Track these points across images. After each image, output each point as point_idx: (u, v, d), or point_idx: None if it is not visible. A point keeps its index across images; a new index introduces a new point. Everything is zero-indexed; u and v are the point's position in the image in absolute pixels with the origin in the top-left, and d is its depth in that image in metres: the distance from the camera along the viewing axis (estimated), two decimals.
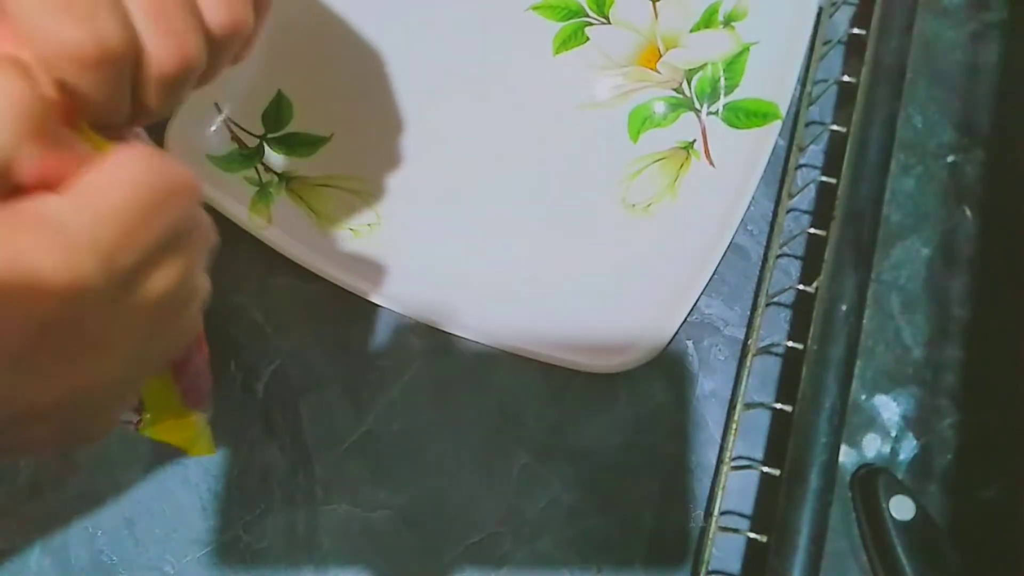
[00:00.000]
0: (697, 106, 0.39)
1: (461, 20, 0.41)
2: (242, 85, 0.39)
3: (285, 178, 0.39)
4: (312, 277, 0.36)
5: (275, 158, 0.39)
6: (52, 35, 0.16)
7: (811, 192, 0.39)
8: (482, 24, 0.41)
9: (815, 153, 0.39)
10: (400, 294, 0.36)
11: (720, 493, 0.34)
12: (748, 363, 0.35)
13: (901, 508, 0.32)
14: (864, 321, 0.33)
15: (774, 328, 0.37)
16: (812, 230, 0.36)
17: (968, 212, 0.38)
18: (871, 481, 0.33)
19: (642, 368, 0.34)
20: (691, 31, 0.41)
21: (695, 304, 0.35)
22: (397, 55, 0.40)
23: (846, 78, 0.38)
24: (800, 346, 0.34)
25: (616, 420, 0.36)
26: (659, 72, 0.40)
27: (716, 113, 0.39)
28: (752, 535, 0.32)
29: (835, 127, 0.38)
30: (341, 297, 0.36)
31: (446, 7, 0.41)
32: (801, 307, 0.37)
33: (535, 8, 0.41)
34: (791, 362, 0.36)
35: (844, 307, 0.33)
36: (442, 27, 0.41)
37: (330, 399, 0.36)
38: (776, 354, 0.36)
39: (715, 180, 0.38)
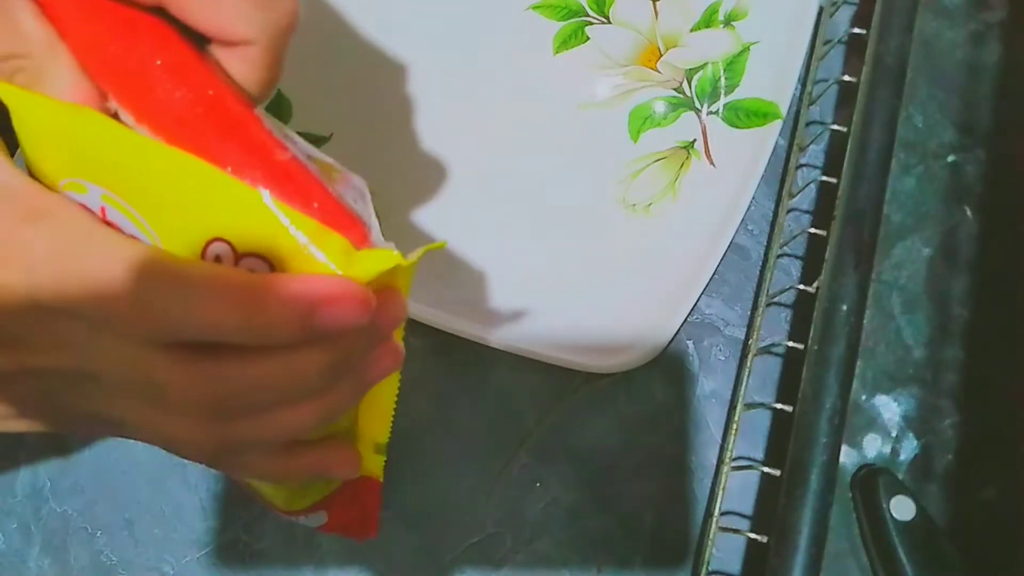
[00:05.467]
0: (697, 106, 0.39)
1: (461, 19, 0.41)
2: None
3: None
4: None
5: None
6: None
7: (812, 192, 0.39)
8: (482, 23, 0.41)
9: (816, 153, 0.39)
10: None
11: (720, 493, 0.34)
12: (748, 363, 0.35)
13: (902, 508, 0.32)
14: (865, 321, 0.33)
15: (775, 328, 0.37)
16: (813, 230, 0.36)
17: (969, 212, 0.38)
18: (872, 481, 0.33)
19: (642, 368, 0.34)
20: (691, 31, 0.41)
21: (695, 304, 0.35)
22: (396, 54, 0.40)
23: (847, 78, 0.38)
24: (801, 346, 0.34)
25: (616, 420, 0.35)
26: (659, 72, 0.40)
27: (716, 113, 0.39)
28: (752, 535, 0.32)
29: (836, 127, 0.38)
30: None
31: (446, 6, 0.41)
32: (802, 307, 0.37)
33: (535, 7, 0.41)
34: (792, 362, 0.36)
35: (845, 307, 0.33)
36: (442, 26, 0.41)
37: None
38: (776, 354, 0.36)
39: (715, 180, 0.38)
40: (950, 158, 0.39)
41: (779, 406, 0.34)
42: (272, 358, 0.17)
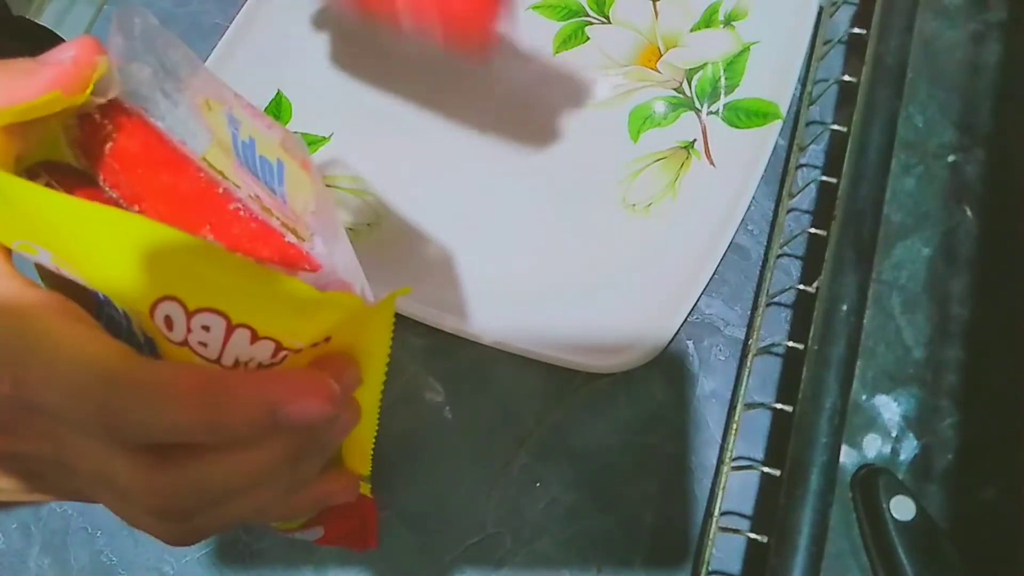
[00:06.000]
0: (697, 106, 0.39)
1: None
2: (241, 86, 0.39)
3: None
4: None
5: None
6: None
7: (812, 192, 0.39)
8: None
9: (816, 153, 0.39)
10: None
11: (720, 493, 0.34)
12: (748, 363, 0.35)
13: (902, 508, 0.32)
14: (865, 321, 0.33)
15: (774, 328, 0.37)
16: (813, 230, 0.36)
17: (968, 212, 0.38)
18: (872, 481, 0.33)
19: (642, 368, 0.34)
20: (691, 31, 0.41)
21: (695, 304, 0.35)
22: (396, 54, 0.40)
23: (847, 78, 0.38)
24: (800, 346, 0.34)
25: (616, 420, 0.35)
26: (659, 72, 0.40)
27: (716, 113, 0.39)
28: (752, 535, 0.32)
29: (836, 127, 0.38)
30: None
31: None
32: (802, 307, 0.37)
33: (535, 7, 0.41)
34: (791, 362, 0.36)
35: (845, 307, 0.33)
36: None
37: None
38: (776, 354, 0.36)
39: (715, 180, 0.38)
40: (950, 158, 0.39)
41: (779, 406, 0.34)
42: (235, 456, 0.17)
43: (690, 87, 0.40)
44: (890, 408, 0.35)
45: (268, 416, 0.17)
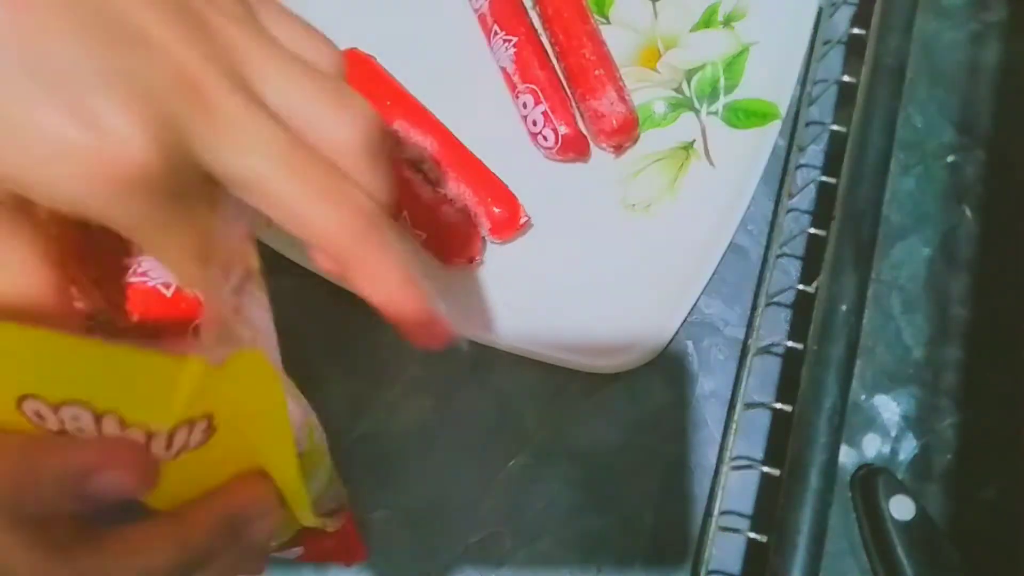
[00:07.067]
0: (697, 106, 0.39)
1: (461, 19, 0.41)
2: None
3: None
4: (312, 277, 0.36)
5: None
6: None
7: (811, 192, 0.39)
8: None
9: (815, 153, 0.39)
10: None
11: (720, 493, 0.34)
12: (748, 363, 0.35)
13: (901, 508, 0.32)
14: (864, 321, 0.33)
15: (774, 328, 0.37)
16: (812, 230, 0.36)
17: (968, 212, 0.38)
18: (871, 481, 0.33)
19: (642, 368, 0.34)
20: (691, 31, 0.41)
21: (695, 304, 0.35)
22: (396, 54, 0.40)
23: (846, 78, 0.38)
24: (800, 346, 0.34)
25: (616, 420, 0.35)
26: (659, 72, 0.40)
27: (716, 113, 0.39)
28: (752, 535, 0.32)
29: (835, 127, 0.38)
30: (341, 297, 0.36)
31: (446, 6, 0.41)
32: (801, 307, 0.37)
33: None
34: (791, 362, 0.36)
35: (844, 307, 0.33)
36: (442, 26, 0.41)
37: (329, 399, 0.36)
38: (776, 354, 0.36)
39: (715, 180, 0.38)
40: (950, 158, 0.39)
41: (779, 406, 0.34)
42: (133, 555, 0.17)
43: (689, 87, 0.40)
44: (890, 408, 0.35)
45: (77, 486, 0.16)
